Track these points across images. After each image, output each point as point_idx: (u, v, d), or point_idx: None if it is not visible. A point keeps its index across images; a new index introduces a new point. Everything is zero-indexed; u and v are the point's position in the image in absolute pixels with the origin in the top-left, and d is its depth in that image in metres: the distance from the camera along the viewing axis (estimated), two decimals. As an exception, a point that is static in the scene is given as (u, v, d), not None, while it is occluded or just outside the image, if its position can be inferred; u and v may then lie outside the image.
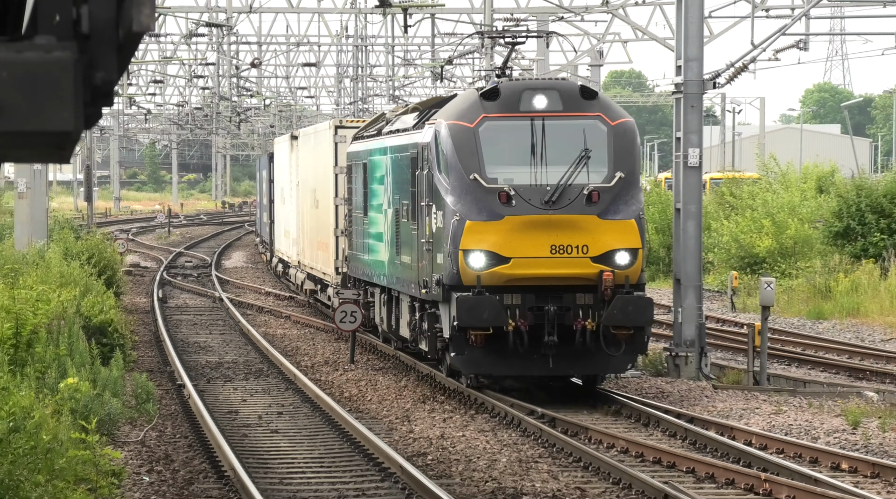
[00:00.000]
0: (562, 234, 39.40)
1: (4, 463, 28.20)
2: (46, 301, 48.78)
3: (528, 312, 39.18)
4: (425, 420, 43.86)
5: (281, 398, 48.61)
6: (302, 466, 37.68)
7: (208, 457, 38.53)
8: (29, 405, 32.43)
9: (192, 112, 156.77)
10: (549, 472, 36.40)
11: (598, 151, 41.06)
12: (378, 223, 52.88)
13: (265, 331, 66.55)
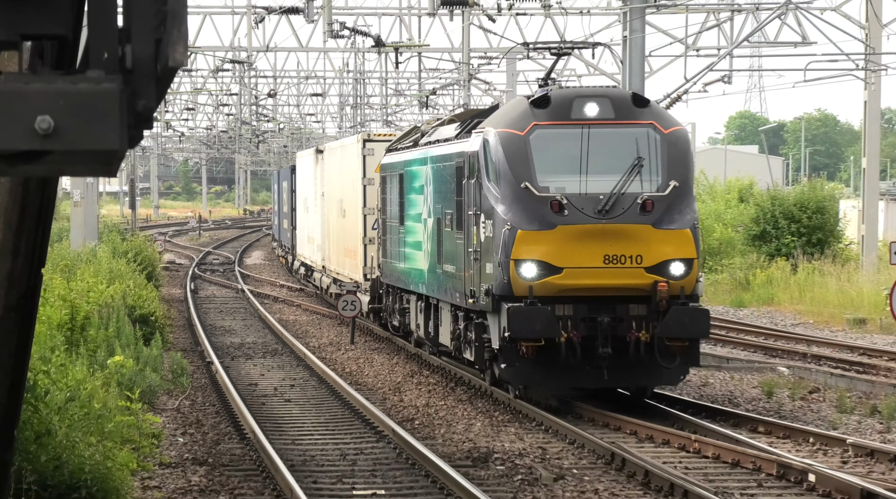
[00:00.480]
0: (615, 243, 33.39)
1: (63, 427, 28.16)
2: (97, 292, 48.84)
3: (581, 323, 33.41)
4: (413, 391, 43.83)
5: (293, 373, 48.57)
6: (311, 429, 37.67)
7: (232, 422, 38.54)
8: (82, 379, 32.45)
9: (218, 134, 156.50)
10: (516, 434, 36.40)
11: (651, 159, 35.16)
12: (416, 232, 45.30)
13: (279, 317, 66.39)
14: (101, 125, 6.57)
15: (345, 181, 61.91)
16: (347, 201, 60.65)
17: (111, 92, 6.54)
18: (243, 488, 30.49)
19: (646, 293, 33.85)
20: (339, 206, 63.20)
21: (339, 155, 65.03)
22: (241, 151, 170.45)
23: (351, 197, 59.45)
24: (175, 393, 43.45)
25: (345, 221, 61.76)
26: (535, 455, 33.52)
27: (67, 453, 27.69)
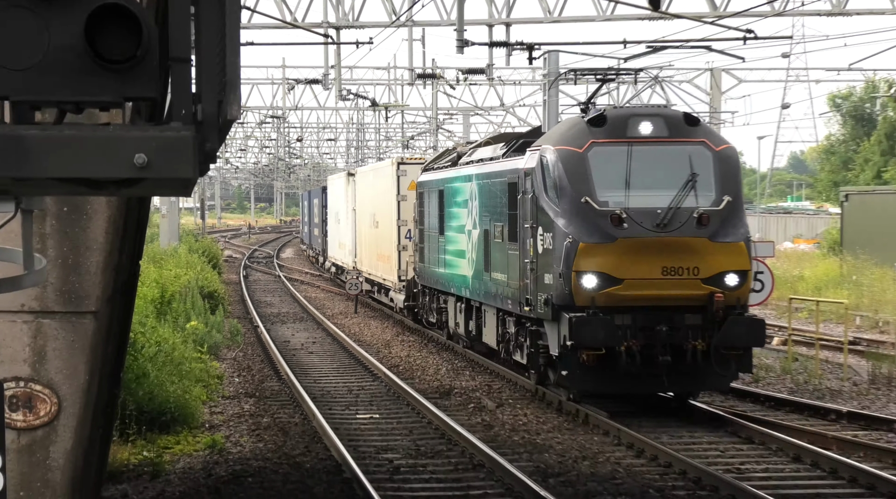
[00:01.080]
0: (673, 256, 27.58)
1: (154, 370, 28.12)
2: (178, 277, 48.92)
3: (639, 332, 27.52)
4: (398, 347, 43.82)
5: (314, 334, 48.53)
6: (327, 372, 37.68)
7: (272, 367, 38.54)
8: (168, 337, 32.51)
9: (262, 167, 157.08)
10: (470, 376, 36.37)
11: (704, 175, 28.91)
12: (458, 242, 37.63)
13: (304, 294, 66.30)
14: (180, 161, 6.49)
15: (378, 198, 54.67)
16: (380, 215, 53.40)
17: (187, 138, 6.46)
18: (280, 413, 30.51)
19: (701, 303, 27.76)
20: (372, 218, 55.74)
21: (372, 177, 57.79)
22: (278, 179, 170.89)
23: (385, 211, 52.03)
24: (232, 347, 43.53)
25: (377, 231, 54.29)
26: (482, 390, 33.55)
27: (157, 389, 27.71)
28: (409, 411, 30.82)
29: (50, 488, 13.37)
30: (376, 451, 25.86)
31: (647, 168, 28.34)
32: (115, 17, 6.33)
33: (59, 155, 6.43)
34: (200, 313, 44.29)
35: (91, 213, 13.45)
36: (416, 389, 33.09)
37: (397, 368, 37.53)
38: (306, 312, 56.52)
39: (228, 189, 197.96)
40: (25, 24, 6.32)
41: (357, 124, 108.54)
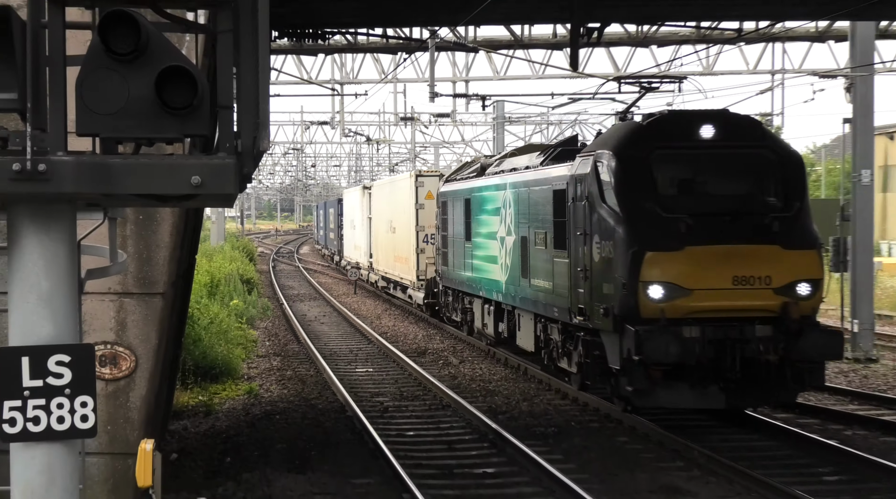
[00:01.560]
0: (744, 264, 20.35)
1: (206, 336, 28.11)
2: (224, 267, 48.84)
3: (708, 344, 20.39)
4: (387, 318, 43.78)
5: (324, 309, 48.45)
6: (334, 337, 37.61)
7: (293, 334, 38.47)
8: (217, 312, 32.44)
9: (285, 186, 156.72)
10: (440, 340, 36.33)
11: (772, 180, 21.64)
12: (488, 248, 29.80)
13: (317, 280, 66.20)
14: (225, 181, 6.51)
15: (395, 207, 47.23)
16: (397, 221, 46.29)
17: (230, 165, 6.49)
18: (299, 368, 30.48)
19: (773, 314, 20.51)
20: (389, 225, 48.71)
21: (388, 189, 50.33)
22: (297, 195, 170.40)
23: (402, 218, 44.83)
24: (263, 319, 43.45)
25: (394, 235, 46.88)
26: (449, 351, 33.55)
27: (209, 350, 27.69)
28: (394, 366, 30.83)
29: (129, 423, 13.39)
30: (370, 395, 25.88)
31: (713, 173, 21.40)
32: (178, 75, 6.38)
33: (136, 177, 6.46)
34: (240, 294, 44.25)
35: (160, 220, 13.48)
36: (399, 350, 33.10)
37: (386, 335, 37.50)
38: (318, 293, 56.46)
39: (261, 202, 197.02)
40: (112, 81, 6.36)
41: (355, 154, 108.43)
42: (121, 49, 6.30)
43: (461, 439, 20.96)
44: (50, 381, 6.85)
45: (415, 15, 24.64)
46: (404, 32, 30.35)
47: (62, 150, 6.44)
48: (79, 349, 6.90)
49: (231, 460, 19.10)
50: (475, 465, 18.80)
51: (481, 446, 20.31)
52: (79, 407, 6.90)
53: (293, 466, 18.64)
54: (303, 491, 16.95)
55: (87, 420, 6.92)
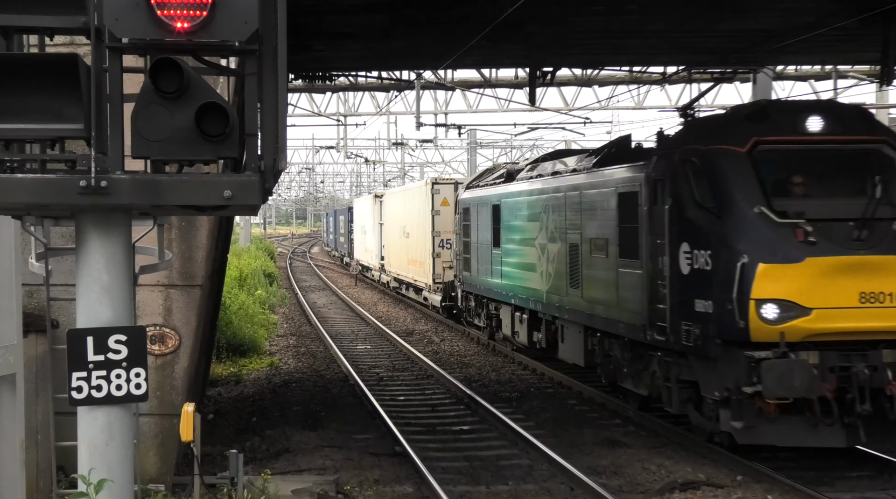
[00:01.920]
0: (873, 278, 13.28)
1: (236, 319, 28.02)
2: (250, 264, 48.69)
3: (829, 373, 13.39)
4: (382, 305, 43.68)
5: (331, 298, 48.35)
6: (338, 320, 37.52)
7: (306, 318, 38.36)
8: (244, 300, 32.32)
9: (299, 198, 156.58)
10: (425, 323, 36.27)
11: (894, 178, 14.26)
12: (523, 255, 23.19)
13: (325, 274, 66.12)
14: (250, 194, 6.53)
15: (409, 213, 40.83)
16: (411, 227, 40.21)
17: (255, 181, 6.50)
18: (311, 345, 30.40)
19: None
20: (402, 230, 42.29)
21: (402, 197, 43.46)
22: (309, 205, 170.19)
23: (417, 224, 38.77)
24: (282, 306, 43.32)
25: (408, 240, 40.72)
26: (432, 331, 33.50)
27: (238, 331, 27.60)
28: (388, 343, 30.77)
29: (174, 389, 13.36)
30: (368, 368, 25.83)
31: (826, 171, 14.78)
32: (213, 110, 6.41)
33: (180, 191, 6.49)
34: (263, 286, 44.12)
35: (199, 226, 13.46)
36: (392, 330, 33.04)
37: (381, 319, 37.44)
38: (326, 285, 56.41)
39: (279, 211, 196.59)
40: (161, 115, 6.40)
41: (356, 173, 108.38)
42: (167, 89, 6.35)
43: (442, 402, 20.95)
44: (110, 356, 6.87)
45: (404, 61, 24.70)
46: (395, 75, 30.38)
47: (120, 169, 6.49)
48: (133, 330, 6.92)
49: (257, 420, 19.06)
50: (453, 423, 18.79)
51: (458, 408, 20.30)
52: (133, 377, 6.92)
53: (307, 424, 18.61)
54: (315, 444, 16.93)
55: (140, 388, 6.94)
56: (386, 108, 44.06)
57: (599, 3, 16.76)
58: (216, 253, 14.92)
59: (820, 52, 23.00)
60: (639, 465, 15.22)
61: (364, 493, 14.04)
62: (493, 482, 14.54)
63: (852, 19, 17.52)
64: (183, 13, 6.21)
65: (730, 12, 17.77)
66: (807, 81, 34.05)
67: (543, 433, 17.48)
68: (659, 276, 15.58)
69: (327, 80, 24.03)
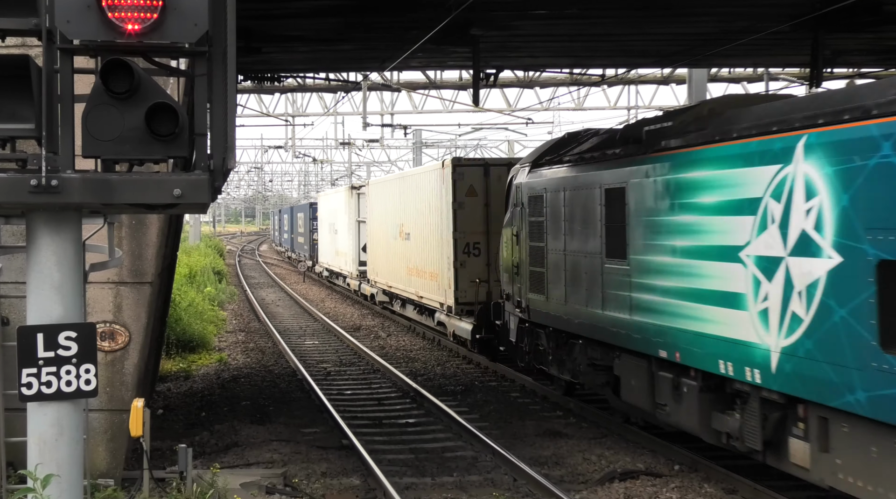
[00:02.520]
0: None
1: (186, 316, 27.83)
2: (199, 261, 48.40)
3: None
4: (329, 301, 43.59)
5: (279, 295, 48.17)
6: (287, 317, 37.40)
7: (255, 314, 38.19)
8: (194, 297, 32.11)
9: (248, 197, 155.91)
10: (371, 318, 36.22)
11: None
12: (701, 276, 11.73)
13: (274, 271, 65.87)
14: (200, 193, 6.52)
15: (409, 207, 30.11)
16: (413, 225, 29.40)
17: (205, 180, 6.48)
18: (260, 341, 30.29)
19: None
20: (399, 230, 31.53)
21: (398, 186, 32.07)
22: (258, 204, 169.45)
23: (426, 221, 27.81)
24: (231, 302, 43.11)
25: (409, 243, 30.06)
26: (378, 327, 33.48)
27: (188, 327, 27.42)
28: (335, 339, 30.72)
29: (124, 385, 13.27)
30: (316, 363, 25.78)
31: None
32: (163, 110, 6.41)
33: (130, 190, 6.47)
34: (213, 283, 43.88)
35: (149, 224, 13.37)
36: (339, 326, 32.99)
37: (328, 315, 37.37)
38: (275, 282, 56.19)
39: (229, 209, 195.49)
40: (111, 114, 6.39)
41: (304, 172, 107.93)
42: (118, 89, 6.34)
43: (388, 396, 20.95)
44: (60, 352, 6.83)
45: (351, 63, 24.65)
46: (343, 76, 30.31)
47: (71, 168, 6.46)
48: (83, 327, 6.88)
49: (206, 415, 18.96)
50: (400, 417, 18.80)
51: (404, 401, 20.31)
52: (83, 373, 6.87)
53: (255, 418, 18.54)
54: (263, 438, 16.87)
55: (90, 384, 6.89)
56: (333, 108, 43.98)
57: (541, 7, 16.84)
58: (166, 251, 14.82)
59: (753, 55, 23.25)
60: (580, 455, 15.32)
61: (311, 485, 14.01)
62: (439, 474, 14.57)
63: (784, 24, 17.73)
64: (134, 15, 6.19)
65: (667, 16, 17.92)
66: (739, 83, 34.41)
67: (487, 426, 17.53)
68: None
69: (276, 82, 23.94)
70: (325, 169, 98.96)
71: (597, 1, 16.51)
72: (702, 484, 13.60)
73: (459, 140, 67.57)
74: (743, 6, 17.10)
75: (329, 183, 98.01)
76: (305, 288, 51.42)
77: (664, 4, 16.84)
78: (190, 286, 36.97)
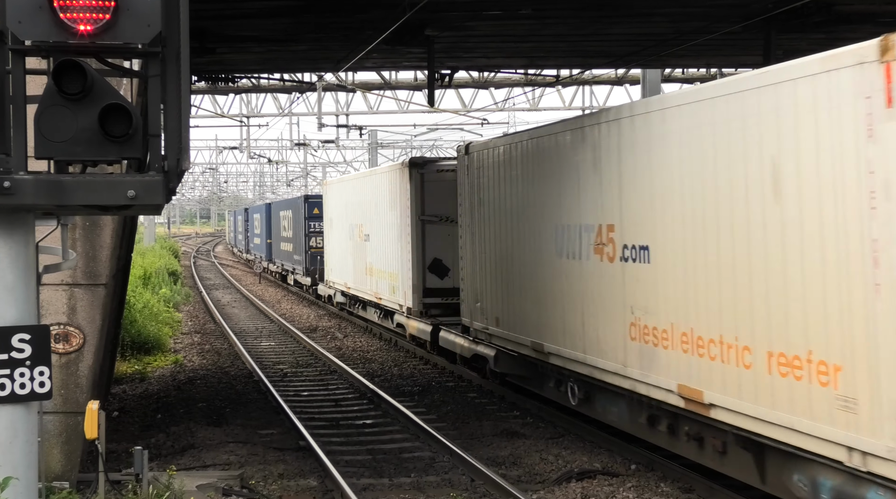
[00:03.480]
0: None
1: (140, 318, 27.67)
2: (154, 263, 48.11)
3: None
4: (285, 303, 43.48)
5: (235, 296, 47.97)
6: (243, 319, 37.26)
7: (210, 316, 38.02)
8: (149, 298, 31.92)
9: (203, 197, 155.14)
10: (328, 319, 36.16)
11: None
12: None
13: (229, 272, 65.55)
14: (154, 194, 6.50)
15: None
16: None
17: (159, 181, 6.46)
18: (216, 342, 30.16)
19: None
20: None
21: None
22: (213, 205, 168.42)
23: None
24: (186, 304, 42.89)
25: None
26: (335, 328, 33.43)
27: (142, 329, 27.27)
28: (292, 340, 30.65)
29: (79, 387, 13.18)
30: (273, 364, 25.72)
31: None
32: (117, 111, 6.39)
33: (83, 191, 6.44)
34: (168, 284, 43.65)
35: (103, 225, 13.30)
36: (296, 327, 32.92)
37: (284, 316, 37.27)
38: (230, 284, 55.94)
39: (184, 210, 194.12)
40: (64, 115, 6.36)
41: (259, 173, 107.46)
42: (71, 90, 6.31)
43: (345, 397, 20.93)
44: (14, 354, 6.79)
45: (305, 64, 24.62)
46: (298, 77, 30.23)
47: (23, 170, 6.43)
48: (37, 329, 6.84)
49: (161, 417, 18.86)
50: (357, 417, 18.79)
51: (361, 402, 20.30)
52: (37, 375, 6.83)
53: (212, 420, 18.46)
54: (220, 440, 16.80)
55: (45, 386, 6.85)
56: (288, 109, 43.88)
57: (495, 7, 16.89)
58: (120, 252, 14.73)
59: (706, 55, 23.42)
60: (537, 455, 15.37)
61: (269, 487, 13.98)
62: (396, 475, 14.58)
63: (736, 25, 17.87)
64: (86, 16, 6.16)
65: (620, 17, 18.02)
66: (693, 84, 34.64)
67: (445, 426, 17.55)
68: None
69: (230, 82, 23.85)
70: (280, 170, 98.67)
71: (550, 2, 16.58)
72: (658, 483, 13.69)
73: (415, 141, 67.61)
74: (695, 7, 17.23)
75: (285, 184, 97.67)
76: (261, 289, 51.26)
77: (617, 5, 16.94)
78: (145, 288, 36.77)
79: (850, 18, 17.70)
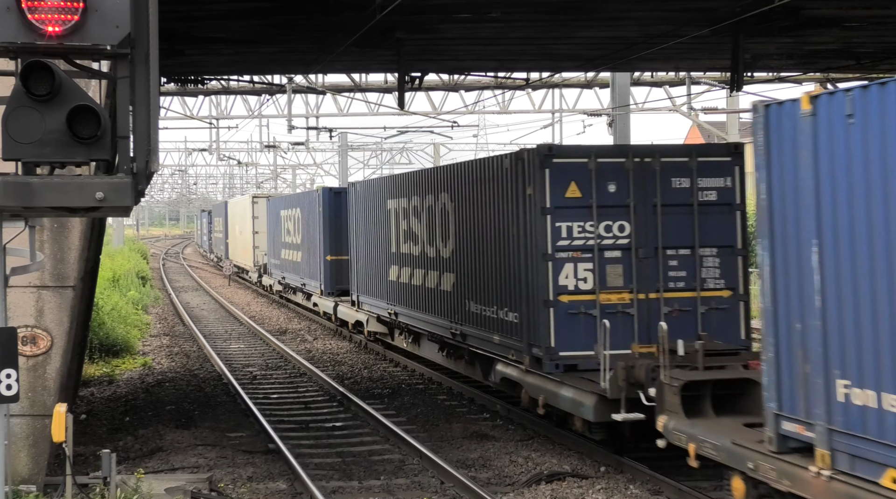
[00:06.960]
0: None
1: (109, 320, 27.54)
2: (123, 265, 47.87)
3: None
4: (255, 305, 43.32)
5: (205, 299, 47.76)
6: (213, 321, 37.12)
7: (179, 318, 37.87)
8: (117, 301, 31.79)
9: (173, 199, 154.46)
10: (298, 322, 36.09)
11: None
12: None
13: (198, 275, 65.25)
14: (123, 196, 6.47)
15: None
16: None
17: (128, 182, 6.44)
18: (185, 345, 30.04)
19: None
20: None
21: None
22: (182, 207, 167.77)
23: None
24: (155, 306, 42.67)
25: None
26: (305, 330, 33.36)
27: (111, 331, 27.15)
28: (261, 343, 30.57)
29: (46, 390, 13.09)
30: (242, 366, 25.63)
31: None
32: (85, 112, 6.35)
33: (51, 193, 6.41)
34: (136, 286, 43.45)
35: (71, 227, 13.22)
36: (265, 329, 32.83)
37: (254, 318, 37.16)
38: (200, 286, 55.69)
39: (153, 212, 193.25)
40: (32, 117, 6.32)
41: (229, 175, 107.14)
42: (39, 91, 6.28)
43: (315, 399, 20.89)
44: (-19, 358, 6.72)
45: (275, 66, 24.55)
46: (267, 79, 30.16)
47: (-10, 172, 6.36)
48: (4, 332, 6.78)
49: (130, 419, 18.77)
50: (326, 420, 18.76)
51: (331, 405, 20.26)
52: (4, 378, 6.78)
53: (180, 423, 18.39)
54: (188, 443, 16.74)
55: (11, 389, 6.80)
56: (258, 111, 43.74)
57: (465, 10, 16.90)
58: (89, 254, 14.65)
59: (674, 58, 23.52)
60: (507, 458, 15.39)
61: (237, 490, 13.93)
62: (366, 477, 14.56)
63: (705, 29, 17.96)
64: (54, 17, 6.13)
65: (589, 20, 18.07)
66: (662, 87, 34.78)
67: (414, 428, 17.55)
68: None
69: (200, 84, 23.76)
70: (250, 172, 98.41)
71: (519, 5, 16.61)
72: (627, 485, 13.73)
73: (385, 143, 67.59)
74: (664, 11, 17.30)
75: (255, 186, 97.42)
76: (231, 293, 51.08)
77: (585, 8, 16.99)
78: (113, 290, 36.60)
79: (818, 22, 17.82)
